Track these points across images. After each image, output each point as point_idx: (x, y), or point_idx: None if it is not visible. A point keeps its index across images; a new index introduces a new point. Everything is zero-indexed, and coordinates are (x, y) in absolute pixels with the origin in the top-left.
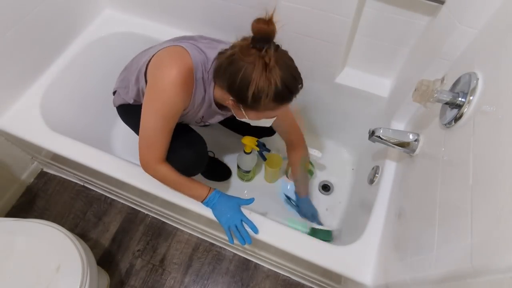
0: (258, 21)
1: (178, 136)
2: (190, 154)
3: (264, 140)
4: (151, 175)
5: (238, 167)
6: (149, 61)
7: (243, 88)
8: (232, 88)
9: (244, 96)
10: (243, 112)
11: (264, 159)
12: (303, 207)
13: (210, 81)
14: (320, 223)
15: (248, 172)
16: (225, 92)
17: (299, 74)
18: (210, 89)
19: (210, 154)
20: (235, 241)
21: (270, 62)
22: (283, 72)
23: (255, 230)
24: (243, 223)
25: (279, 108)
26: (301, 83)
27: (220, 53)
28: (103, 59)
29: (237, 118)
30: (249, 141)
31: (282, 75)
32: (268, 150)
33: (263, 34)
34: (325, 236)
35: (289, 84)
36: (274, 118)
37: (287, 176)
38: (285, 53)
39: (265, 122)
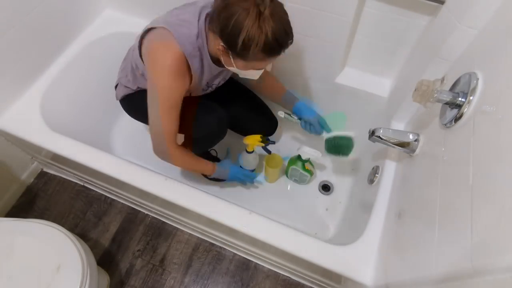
0: None
1: (196, 107)
2: (212, 121)
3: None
4: (165, 161)
5: (241, 168)
6: (141, 44)
7: (234, 34)
8: (224, 33)
9: (234, 42)
10: (232, 60)
11: (269, 152)
12: (301, 107)
13: (203, 43)
14: (329, 129)
15: (253, 171)
16: (217, 37)
17: (291, 29)
18: (205, 49)
19: (213, 153)
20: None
21: (264, 11)
22: (276, 24)
23: (255, 176)
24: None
25: (267, 60)
26: (292, 39)
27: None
28: (103, 59)
29: (225, 66)
30: (252, 140)
31: (275, 26)
32: (274, 142)
33: None
34: (348, 143)
35: (280, 37)
36: (262, 71)
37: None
38: (281, 5)
39: (253, 74)
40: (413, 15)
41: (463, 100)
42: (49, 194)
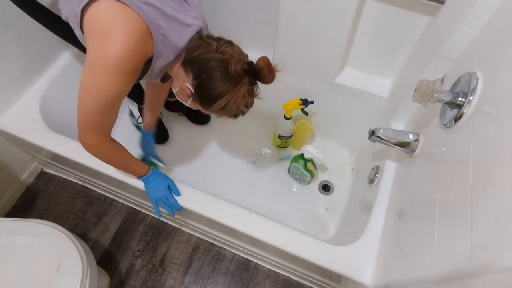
0: (269, 67)
1: None
2: None
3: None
4: (93, 155)
5: (280, 136)
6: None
7: (211, 98)
8: (200, 90)
9: (206, 102)
10: (190, 100)
11: (306, 114)
12: (144, 139)
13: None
14: (157, 157)
15: (291, 137)
16: (188, 80)
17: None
18: (170, 63)
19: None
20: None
21: (247, 96)
22: (250, 103)
23: (178, 208)
24: (168, 200)
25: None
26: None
27: (203, 41)
28: None
29: (176, 96)
30: (291, 106)
31: (246, 104)
32: (312, 102)
33: (263, 78)
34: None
35: (245, 109)
36: None
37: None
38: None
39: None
40: (413, 15)
41: (463, 100)
42: (49, 194)
